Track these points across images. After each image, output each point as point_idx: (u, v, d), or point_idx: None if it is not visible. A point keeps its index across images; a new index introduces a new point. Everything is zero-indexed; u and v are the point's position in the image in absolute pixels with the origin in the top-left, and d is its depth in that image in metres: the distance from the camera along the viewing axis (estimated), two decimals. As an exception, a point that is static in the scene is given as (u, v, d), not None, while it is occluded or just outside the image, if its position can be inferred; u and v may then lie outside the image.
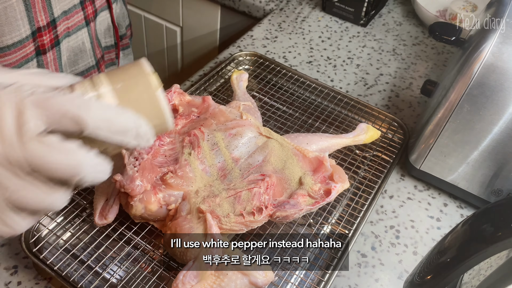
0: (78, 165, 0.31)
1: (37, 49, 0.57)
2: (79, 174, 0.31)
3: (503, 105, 0.55)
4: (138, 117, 0.34)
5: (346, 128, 0.73)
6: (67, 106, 0.30)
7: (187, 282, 0.48)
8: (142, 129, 0.34)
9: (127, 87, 0.36)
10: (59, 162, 0.30)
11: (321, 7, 1.04)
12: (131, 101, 0.35)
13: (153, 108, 0.36)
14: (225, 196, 0.53)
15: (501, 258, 0.42)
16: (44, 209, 0.32)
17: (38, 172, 0.30)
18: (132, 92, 0.36)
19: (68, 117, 0.30)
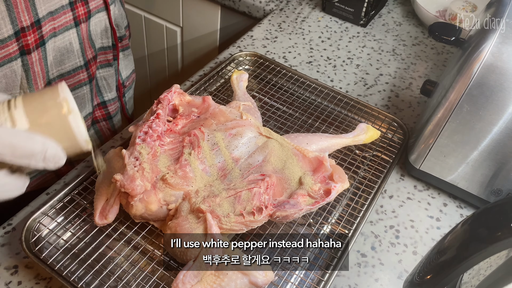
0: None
1: (21, 49, 0.57)
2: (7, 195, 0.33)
3: (502, 105, 0.56)
4: (45, 142, 0.36)
5: (346, 128, 0.73)
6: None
7: (187, 282, 0.48)
8: (49, 152, 0.36)
9: (39, 111, 0.38)
10: None
11: (321, 7, 1.04)
12: (42, 125, 0.38)
13: (64, 131, 0.39)
14: (225, 196, 0.53)
15: (501, 258, 0.42)
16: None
17: None
18: (44, 116, 0.38)
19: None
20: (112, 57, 0.76)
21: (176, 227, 0.51)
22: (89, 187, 0.61)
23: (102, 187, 0.58)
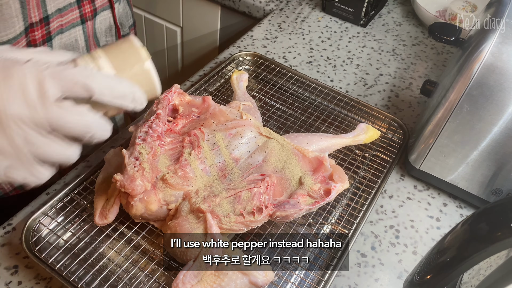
0: (89, 124, 0.38)
1: (28, 44, 0.58)
2: (90, 132, 0.38)
3: (502, 105, 0.56)
4: (131, 84, 0.40)
5: (346, 128, 0.73)
6: (77, 76, 0.37)
7: (187, 282, 0.48)
8: (136, 94, 0.40)
9: (121, 60, 0.42)
10: (75, 122, 0.37)
11: (321, 7, 1.04)
12: (125, 72, 0.42)
13: (144, 77, 0.43)
14: (225, 196, 0.53)
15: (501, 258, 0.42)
16: (62, 161, 0.39)
17: (58, 131, 0.37)
18: (125, 64, 0.42)
19: (79, 85, 0.37)
20: None
21: (176, 227, 0.51)
22: (89, 187, 0.61)
23: (102, 187, 0.58)
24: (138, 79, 0.42)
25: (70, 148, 0.38)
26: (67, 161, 0.39)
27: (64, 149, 0.38)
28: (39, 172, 0.38)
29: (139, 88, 0.41)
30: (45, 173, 0.39)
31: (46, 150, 0.37)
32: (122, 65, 0.42)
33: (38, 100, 0.36)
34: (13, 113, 0.35)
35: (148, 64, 0.43)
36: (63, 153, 0.38)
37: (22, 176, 0.38)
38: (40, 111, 0.36)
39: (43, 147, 0.37)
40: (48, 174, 0.39)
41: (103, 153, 0.70)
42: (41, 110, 0.36)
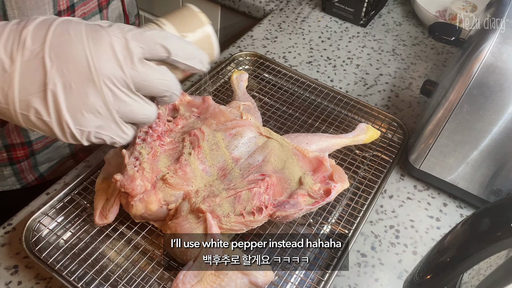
0: (169, 83, 0.41)
1: None
2: (169, 91, 0.41)
3: (502, 105, 0.56)
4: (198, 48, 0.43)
5: (346, 128, 0.73)
6: (156, 37, 0.40)
7: (187, 282, 0.48)
8: (203, 56, 0.44)
9: (183, 26, 0.46)
10: (157, 80, 0.40)
11: (321, 7, 1.04)
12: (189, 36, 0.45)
13: (205, 40, 0.46)
14: (225, 196, 0.53)
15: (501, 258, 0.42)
16: (144, 120, 0.42)
17: (141, 90, 0.40)
18: (188, 29, 0.45)
19: (158, 46, 0.40)
20: None
21: (176, 227, 0.51)
22: (89, 187, 0.61)
23: (102, 187, 0.58)
24: (200, 43, 0.45)
25: (150, 107, 0.41)
26: (148, 120, 0.42)
27: (146, 108, 0.41)
28: (124, 132, 0.41)
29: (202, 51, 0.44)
30: (129, 133, 0.42)
31: (131, 109, 0.40)
32: (185, 31, 0.45)
33: (125, 60, 0.38)
34: (105, 73, 0.37)
35: (209, 28, 0.46)
36: (145, 112, 0.41)
37: (109, 136, 0.40)
38: (127, 70, 0.38)
39: (129, 106, 0.39)
40: (131, 134, 0.42)
41: (103, 153, 0.70)
42: (128, 69, 0.38)
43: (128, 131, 0.41)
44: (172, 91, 0.42)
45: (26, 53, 0.37)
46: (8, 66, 0.36)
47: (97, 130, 0.39)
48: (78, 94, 0.37)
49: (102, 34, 0.38)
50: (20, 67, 0.36)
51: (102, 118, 0.39)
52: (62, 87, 0.37)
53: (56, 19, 0.38)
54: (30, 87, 0.37)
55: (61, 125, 0.38)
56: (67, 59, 0.37)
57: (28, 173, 0.71)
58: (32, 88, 0.37)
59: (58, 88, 0.37)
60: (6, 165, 0.67)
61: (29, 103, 0.37)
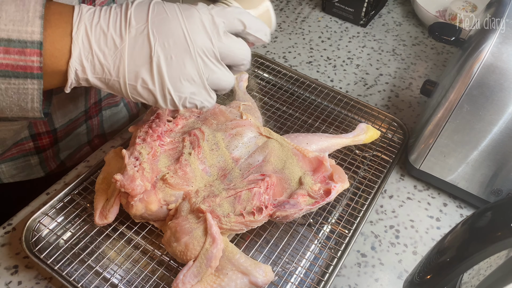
0: (247, 52, 0.47)
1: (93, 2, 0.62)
2: (246, 60, 0.47)
3: (502, 105, 0.56)
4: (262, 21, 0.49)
5: (346, 128, 0.73)
6: (235, 13, 0.46)
7: (187, 282, 0.48)
8: (267, 29, 0.49)
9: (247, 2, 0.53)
10: (239, 50, 0.46)
11: (321, 7, 1.04)
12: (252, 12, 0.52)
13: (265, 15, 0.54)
14: (225, 196, 0.53)
15: (501, 258, 0.42)
16: (226, 87, 0.47)
17: (225, 59, 0.45)
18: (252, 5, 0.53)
19: (236, 20, 0.46)
20: None
21: (176, 227, 0.51)
22: (89, 187, 0.61)
23: (102, 187, 0.58)
24: (261, 17, 0.52)
25: (230, 75, 0.46)
26: (229, 87, 0.47)
27: (228, 76, 0.46)
28: (211, 96, 0.47)
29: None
30: (214, 98, 0.47)
31: (217, 76, 0.45)
32: (249, 7, 0.52)
33: (213, 33, 0.44)
34: (199, 45, 0.43)
35: (268, 3, 0.54)
36: (227, 79, 0.46)
37: (200, 101, 0.46)
38: (215, 42, 0.44)
39: (215, 74, 0.45)
40: (215, 99, 0.47)
41: (103, 153, 0.70)
42: (216, 41, 0.44)
43: (214, 96, 0.47)
44: (248, 60, 0.47)
45: (132, 30, 0.42)
46: (118, 43, 0.42)
47: (191, 96, 0.45)
48: (177, 64, 0.43)
49: (193, 11, 0.44)
50: (128, 43, 0.42)
51: (195, 85, 0.44)
52: (164, 59, 0.43)
53: (150, 1, 0.44)
54: (138, 60, 0.43)
55: (163, 92, 0.44)
56: (167, 34, 0.43)
57: (51, 161, 0.74)
58: (139, 61, 0.43)
59: (161, 59, 0.43)
60: (33, 154, 0.70)
61: (137, 74, 0.43)
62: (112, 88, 0.44)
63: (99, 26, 0.42)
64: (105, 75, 0.43)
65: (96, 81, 0.43)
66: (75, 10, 0.43)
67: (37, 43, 0.40)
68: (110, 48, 0.42)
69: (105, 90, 0.45)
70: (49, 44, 0.41)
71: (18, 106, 0.42)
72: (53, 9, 0.42)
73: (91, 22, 0.42)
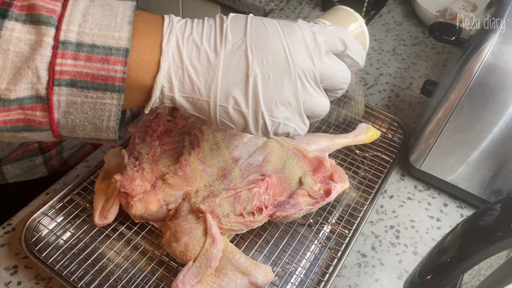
0: (348, 75, 0.42)
1: None
2: (346, 84, 0.42)
3: (503, 105, 0.55)
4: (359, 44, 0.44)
5: (346, 128, 0.73)
6: (336, 32, 0.41)
7: (187, 282, 0.48)
8: (363, 52, 0.44)
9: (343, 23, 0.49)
10: (340, 73, 0.41)
11: (321, 7, 1.04)
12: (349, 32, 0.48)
13: (361, 36, 0.50)
14: (225, 196, 0.53)
15: (501, 258, 0.42)
16: (321, 114, 0.42)
17: (324, 82, 0.40)
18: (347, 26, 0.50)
19: (338, 40, 0.41)
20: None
21: (176, 227, 0.51)
22: (89, 187, 0.61)
23: (102, 187, 0.58)
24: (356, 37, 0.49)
25: (327, 100, 0.41)
26: (323, 114, 0.42)
27: (324, 101, 0.41)
28: (305, 123, 0.41)
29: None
30: (308, 125, 0.42)
31: (314, 101, 0.40)
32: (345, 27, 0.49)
33: (314, 52, 0.39)
34: (300, 65, 0.38)
35: (364, 25, 0.50)
36: (323, 105, 0.41)
37: (293, 128, 0.41)
38: (316, 62, 0.39)
39: (312, 98, 0.40)
40: (308, 126, 0.42)
41: (103, 153, 0.70)
42: (317, 62, 0.39)
43: (307, 123, 0.42)
44: (347, 84, 0.42)
45: (228, 45, 0.38)
46: (212, 59, 0.38)
47: (285, 122, 0.40)
48: (275, 85, 0.38)
49: (295, 28, 0.40)
50: (224, 60, 0.38)
51: (291, 110, 0.40)
52: (261, 78, 0.38)
53: (247, 15, 0.41)
54: (232, 78, 0.38)
55: (256, 116, 0.39)
56: (267, 51, 0.38)
57: (55, 161, 0.74)
58: (234, 79, 0.38)
59: (258, 78, 0.38)
60: (38, 154, 0.70)
61: (229, 94, 0.38)
62: (199, 110, 0.39)
63: (191, 38, 0.38)
64: (195, 94, 0.38)
65: (183, 100, 0.39)
66: (165, 20, 0.38)
67: (123, 51, 0.35)
68: (203, 64, 0.37)
69: (190, 111, 0.40)
70: (135, 54, 0.36)
71: (93, 124, 0.37)
72: (142, 17, 0.38)
73: (183, 33, 0.38)
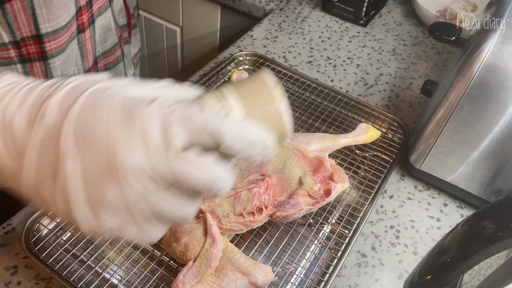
0: (215, 179, 0.32)
1: (78, 27, 0.61)
2: (215, 188, 0.32)
3: (503, 105, 0.55)
4: (265, 130, 0.35)
5: (346, 128, 0.73)
6: (206, 122, 0.32)
7: (187, 282, 0.48)
8: (269, 141, 0.35)
9: (253, 100, 0.37)
10: (200, 176, 0.32)
11: (321, 7, 1.04)
12: (258, 114, 0.36)
13: (277, 120, 0.37)
14: (225, 196, 0.53)
15: (501, 258, 0.42)
16: (179, 220, 0.33)
17: (179, 186, 0.31)
18: (258, 105, 0.37)
19: (207, 133, 0.32)
20: (127, 35, 0.79)
21: (176, 227, 0.51)
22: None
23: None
24: (269, 121, 0.37)
25: (189, 205, 0.33)
26: (185, 220, 0.34)
27: (183, 206, 0.33)
28: (152, 231, 0.33)
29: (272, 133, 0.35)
30: (158, 232, 0.34)
31: (163, 207, 0.32)
32: (254, 106, 0.37)
33: (162, 149, 0.31)
34: (133, 164, 0.30)
35: (283, 106, 0.38)
36: (181, 211, 0.33)
37: (134, 234, 0.33)
38: (162, 162, 0.31)
39: (160, 203, 0.32)
40: (161, 233, 0.34)
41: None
42: (164, 161, 0.31)
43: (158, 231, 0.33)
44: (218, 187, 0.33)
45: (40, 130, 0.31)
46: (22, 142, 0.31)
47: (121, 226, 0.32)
48: (92, 185, 0.31)
49: (137, 115, 0.31)
50: (35, 145, 0.31)
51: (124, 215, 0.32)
52: (75, 174, 0.31)
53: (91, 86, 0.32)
54: (40, 170, 0.31)
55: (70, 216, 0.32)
56: (86, 142, 0.31)
57: None
58: (42, 171, 0.31)
59: (69, 175, 0.31)
60: None
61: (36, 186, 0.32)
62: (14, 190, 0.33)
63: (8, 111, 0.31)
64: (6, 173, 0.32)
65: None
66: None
67: None
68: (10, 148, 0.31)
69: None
70: None
71: None
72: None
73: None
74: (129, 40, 0.80)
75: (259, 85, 0.38)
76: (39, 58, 0.58)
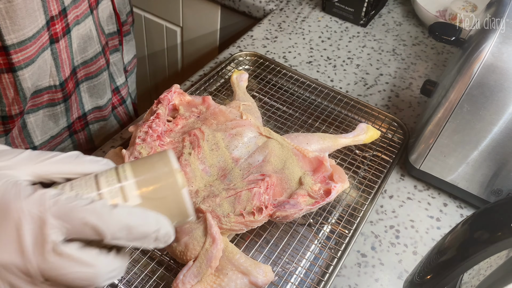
0: (94, 276, 0.31)
1: (50, 38, 0.59)
2: (94, 284, 0.32)
3: (502, 105, 0.55)
4: (159, 220, 0.34)
5: (346, 128, 0.73)
6: (87, 217, 0.31)
7: (187, 282, 0.48)
8: (162, 232, 0.34)
9: (152, 183, 0.35)
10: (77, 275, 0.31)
11: (321, 7, 1.04)
12: (154, 199, 0.35)
13: (177, 206, 0.36)
14: (225, 196, 0.53)
15: (501, 258, 0.42)
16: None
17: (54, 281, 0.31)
18: (156, 188, 0.35)
19: (88, 227, 0.31)
20: (118, 42, 0.78)
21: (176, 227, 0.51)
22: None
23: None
24: (169, 208, 0.35)
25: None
26: None
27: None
28: None
29: (167, 222, 0.35)
30: None
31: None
32: (152, 190, 0.35)
33: (34, 247, 0.30)
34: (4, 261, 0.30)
35: (184, 193, 0.36)
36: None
37: None
38: (34, 260, 0.30)
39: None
40: None
41: (103, 153, 0.70)
42: (36, 259, 0.30)
43: None
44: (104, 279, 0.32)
45: None
46: None
47: None
48: None
49: (12, 210, 0.30)
50: None
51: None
52: None
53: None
54: None
55: None
56: None
57: None
58: None
59: None
60: None
61: None
62: None
63: None
64: None
65: None
66: None
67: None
68: None
69: None
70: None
71: None
72: None
73: None
74: (121, 47, 0.79)
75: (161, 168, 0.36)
76: (7, 70, 0.56)
